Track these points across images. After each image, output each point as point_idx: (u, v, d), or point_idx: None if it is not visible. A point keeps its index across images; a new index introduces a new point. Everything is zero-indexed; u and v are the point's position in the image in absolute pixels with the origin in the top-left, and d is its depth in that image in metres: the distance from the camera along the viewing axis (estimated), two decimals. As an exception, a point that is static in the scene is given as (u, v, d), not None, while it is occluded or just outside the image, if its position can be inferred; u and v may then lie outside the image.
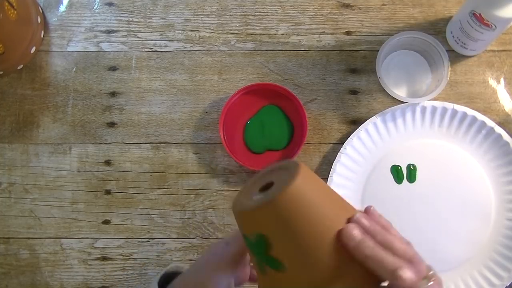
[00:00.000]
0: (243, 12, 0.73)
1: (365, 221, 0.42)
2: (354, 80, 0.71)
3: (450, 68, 0.65)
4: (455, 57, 0.70)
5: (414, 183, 0.68)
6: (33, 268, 0.70)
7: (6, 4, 0.66)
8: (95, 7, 0.74)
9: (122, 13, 0.74)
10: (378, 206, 0.67)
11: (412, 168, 0.68)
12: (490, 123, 0.67)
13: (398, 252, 0.41)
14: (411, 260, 0.40)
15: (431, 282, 0.40)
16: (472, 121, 0.67)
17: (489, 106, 0.69)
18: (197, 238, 0.69)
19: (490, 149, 0.67)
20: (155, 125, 0.71)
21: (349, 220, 0.43)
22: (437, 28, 0.71)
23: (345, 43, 0.72)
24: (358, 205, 0.68)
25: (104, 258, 0.70)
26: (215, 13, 0.73)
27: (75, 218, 0.70)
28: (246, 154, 0.69)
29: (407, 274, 0.39)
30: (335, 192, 0.47)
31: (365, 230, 0.42)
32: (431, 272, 0.42)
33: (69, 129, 0.72)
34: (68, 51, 0.73)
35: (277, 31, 0.72)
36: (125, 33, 0.73)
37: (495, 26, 0.61)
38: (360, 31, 0.72)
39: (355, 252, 0.40)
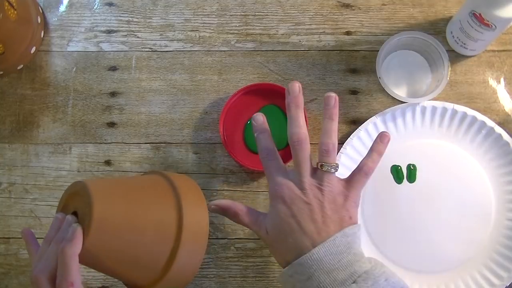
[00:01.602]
0: (243, 12, 0.73)
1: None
2: (354, 80, 0.71)
3: (450, 68, 0.66)
4: (455, 57, 0.70)
5: (414, 183, 0.68)
6: (33, 268, 0.70)
7: (6, 4, 0.66)
8: (95, 7, 0.74)
9: (122, 13, 0.74)
10: (378, 206, 0.68)
11: (412, 168, 0.68)
12: (490, 123, 0.67)
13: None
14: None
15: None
16: (472, 121, 0.67)
17: (489, 106, 0.69)
18: (197, 238, 0.69)
19: (490, 149, 0.67)
20: (155, 125, 0.71)
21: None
22: (437, 28, 0.71)
23: (345, 43, 0.72)
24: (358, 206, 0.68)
25: (104, 258, 0.70)
26: (215, 13, 0.73)
27: (75, 218, 0.70)
28: (246, 154, 0.69)
29: None
30: (140, 189, 0.51)
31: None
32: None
33: (69, 129, 0.72)
34: (68, 51, 0.73)
35: (277, 31, 0.72)
36: (125, 33, 0.73)
37: (495, 26, 0.61)
38: (360, 31, 0.72)
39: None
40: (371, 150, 0.58)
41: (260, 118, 0.59)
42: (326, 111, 0.57)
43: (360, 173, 0.56)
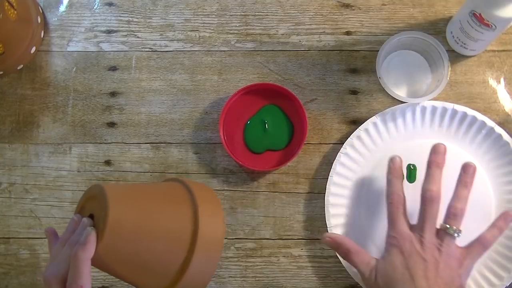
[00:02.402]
0: (243, 12, 0.73)
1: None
2: (354, 80, 0.71)
3: (450, 68, 0.66)
4: (455, 57, 0.70)
5: (414, 183, 0.68)
6: (33, 268, 0.70)
7: (6, 4, 0.66)
8: (95, 7, 0.74)
9: (122, 13, 0.74)
10: (378, 206, 0.68)
11: (412, 168, 0.68)
12: (490, 123, 0.67)
13: None
14: None
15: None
16: (472, 121, 0.67)
17: (489, 106, 0.69)
18: (197, 238, 0.69)
19: (490, 149, 0.67)
20: (155, 125, 0.71)
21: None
22: (437, 28, 0.71)
23: (345, 43, 0.72)
24: (358, 205, 0.68)
25: (104, 258, 0.70)
26: (215, 13, 0.73)
27: (75, 218, 0.70)
28: (246, 154, 0.69)
29: None
30: (159, 195, 0.50)
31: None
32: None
33: (69, 129, 0.72)
34: (68, 51, 0.73)
35: (277, 31, 0.72)
36: (125, 33, 0.73)
37: (495, 26, 0.61)
38: (360, 31, 0.72)
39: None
40: (493, 225, 0.58)
41: (398, 161, 0.61)
42: (462, 177, 0.58)
43: (478, 244, 0.57)
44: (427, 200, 0.57)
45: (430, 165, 0.58)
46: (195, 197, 0.50)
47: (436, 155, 0.59)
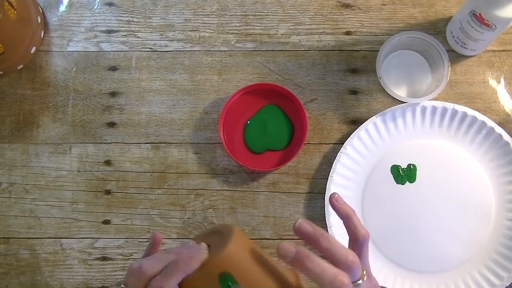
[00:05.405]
0: (243, 12, 0.73)
1: (308, 227, 0.42)
2: (354, 80, 0.71)
3: (450, 68, 0.65)
4: (455, 57, 0.70)
5: (414, 183, 0.68)
6: (33, 268, 0.70)
7: (6, 4, 0.66)
8: (95, 7, 0.74)
9: (122, 13, 0.74)
10: (378, 206, 0.68)
11: (412, 168, 0.68)
12: (490, 123, 0.67)
13: (340, 259, 0.41)
14: (351, 267, 0.41)
15: (364, 279, 0.42)
16: (472, 121, 0.67)
17: (489, 106, 0.69)
18: (197, 238, 0.69)
19: (490, 149, 0.67)
20: (155, 125, 0.71)
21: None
22: (437, 28, 0.71)
23: (345, 43, 0.72)
24: (358, 205, 0.68)
25: (104, 258, 0.70)
26: (215, 13, 0.73)
27: (75, 218, 0.70)
28: (246, 154, 0.69)
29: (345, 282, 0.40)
30: (269, 258, 0.49)
31: (309, 236, 0.42)
32: (364, 272, 0.43)
33: (69, 129, 0.72)
34: (68, 51, 0.73)
35: (277, 31, 0.72)
36: (125, 33, 0.73)
37: (495, 26, 0.61)
38: (360, 31, 0.72)
39: (294, 265, 0.41)
40: (347, 217, 0.48)
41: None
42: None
43: (362, 243, 0.47)
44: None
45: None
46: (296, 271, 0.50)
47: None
